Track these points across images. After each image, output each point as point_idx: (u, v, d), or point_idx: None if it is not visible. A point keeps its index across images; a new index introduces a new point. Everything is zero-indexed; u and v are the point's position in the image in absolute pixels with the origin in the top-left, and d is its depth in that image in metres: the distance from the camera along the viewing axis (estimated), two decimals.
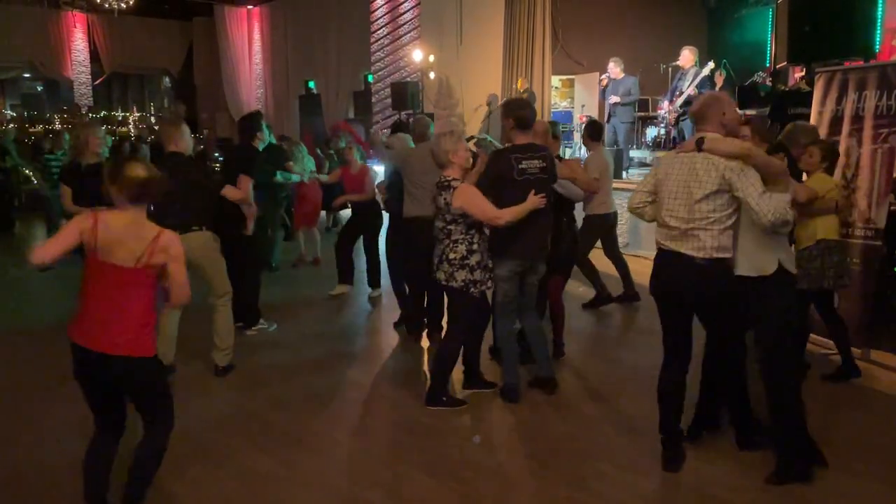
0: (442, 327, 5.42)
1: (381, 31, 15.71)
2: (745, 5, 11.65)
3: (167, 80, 23.33)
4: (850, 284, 4.66)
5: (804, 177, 4.39)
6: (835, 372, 4.74)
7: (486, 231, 4.25)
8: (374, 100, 16.08)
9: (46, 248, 2.77)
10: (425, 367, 5.15)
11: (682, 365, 3.50)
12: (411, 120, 7.55)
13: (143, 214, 2.87)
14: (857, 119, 5.28)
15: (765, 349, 3.43)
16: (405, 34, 15.02)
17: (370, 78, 16.48)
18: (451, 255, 4.15)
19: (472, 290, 4.17)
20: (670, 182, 3.36)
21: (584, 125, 7.34)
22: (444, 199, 4.15)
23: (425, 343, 5.66)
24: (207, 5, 20.32)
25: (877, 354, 5.12)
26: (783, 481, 3.32)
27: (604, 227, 6.55)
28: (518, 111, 4.27)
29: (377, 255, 6.87)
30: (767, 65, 10.69)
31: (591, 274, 6.50)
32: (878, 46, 6.87)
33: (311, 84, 18.85)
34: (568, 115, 13.12)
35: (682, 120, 9.19)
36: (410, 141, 5.79)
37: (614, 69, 10.19)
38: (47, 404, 4.38)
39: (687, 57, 9.26)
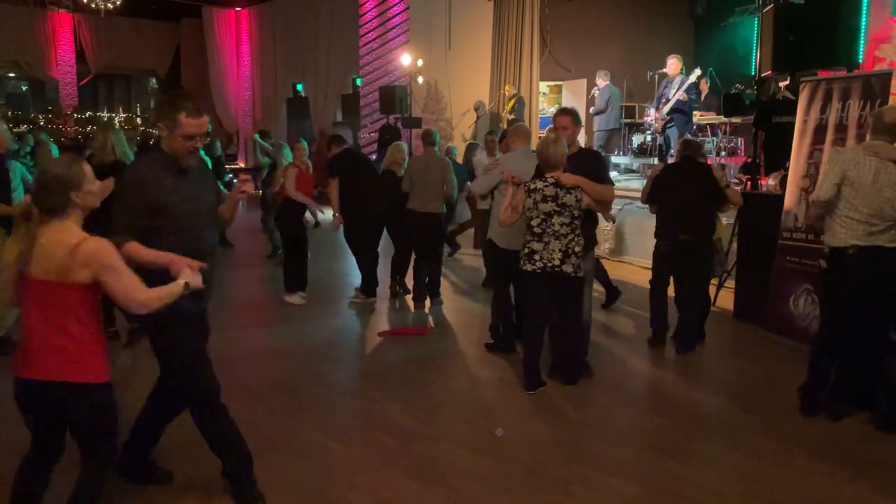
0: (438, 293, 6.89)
1: (370, 34, 15.72)
2: (731, 14, 11.76)
3: (154, 80, 23.21)
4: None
5: None
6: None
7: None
8: (362, 103, 16.09)
9: None
10: (404, 368, 5.15)
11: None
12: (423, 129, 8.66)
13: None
14: (841, 128, 5.34)
15: None
16: (394, 38, 15.05)
17: (358, 81, 16.50)
18: (577, 249, 4.56)
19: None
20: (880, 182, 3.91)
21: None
22: (576, 196, 4.51)
23: (427, 308, 6.78)
24: (195, 6, 20.24)
25: None
26: None
27: None
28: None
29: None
30: (753, 73, 10.81)
31: None
32: (861, 56, 6.95)
33: (300, 87, 18.83)
34: None
35: (669, 127, 9.25)
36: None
37: (599, 82, 10.63)
38: None
39: (673, 65, 9.34)
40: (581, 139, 7.03)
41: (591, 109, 10.92)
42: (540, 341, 4.74)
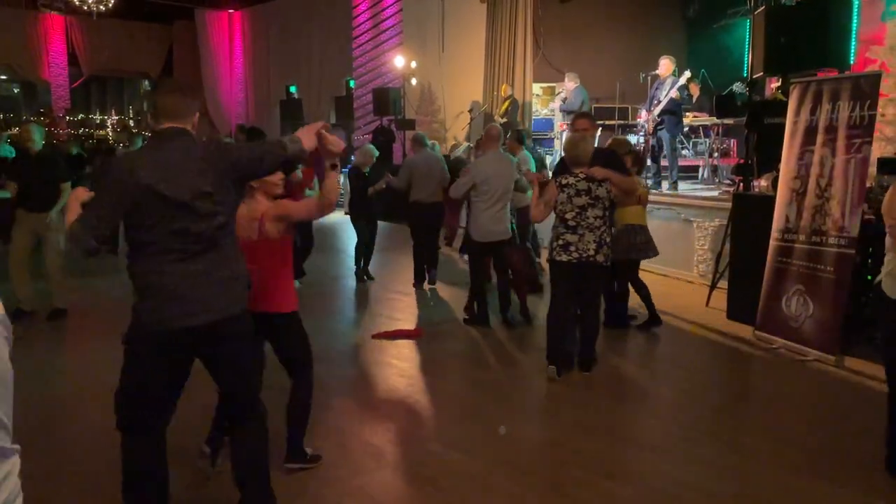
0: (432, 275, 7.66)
1: (364, 36, 15.72)
2: (723, 16, 11.80)
3: (147, 83, 23.14)
4: (655, 255, 6.05)
5: None
6: (643, 323, 6.04)
7: None
8: (355, 105, 16.07)
9: None
10: (398, 370, 5.14)
11: None
12: (415, 131, 9.79)
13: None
14: (831, 129, 5.37)
15: None
16: (387, 40, 15.04)
17: (352, 83, 16.48)
18: (608, 239, 4.85)
19: None
20: None
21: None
22: (606, 189, 4.78)
23: (427, 288, 7.61)
24: (188, 9, 20.20)
25: (850, 361, 5.19)
26: None
27: None
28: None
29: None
30: (745, 75, 10.84)
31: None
32: (852, 58, 6.97)
33: (293, 89, 18.80)
34: (549, 123, 13.20)
35: (660, 129, 9.26)
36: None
37: (568, 83, 10.70)
38: None
39: (665, 66, 9.35)
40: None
41: (561, 106, 11.00)
42: (565, 330, 4.98)
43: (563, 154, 5.42)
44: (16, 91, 21.38)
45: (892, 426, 3.56)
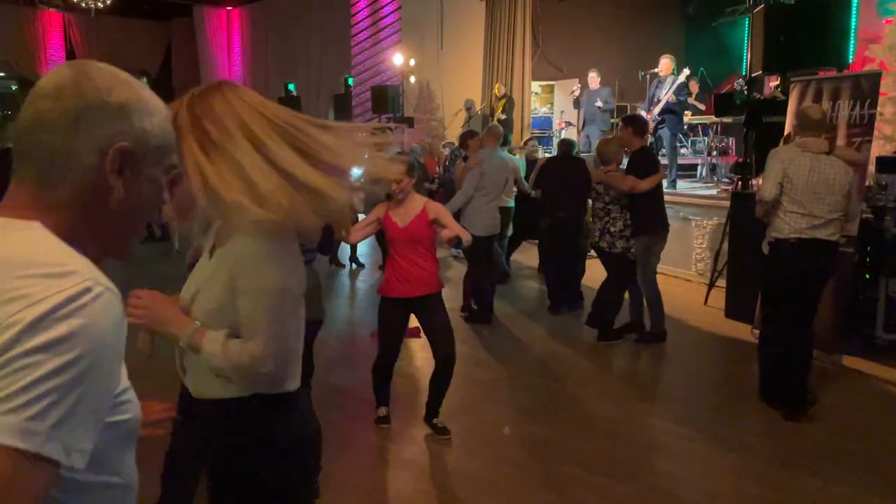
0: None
1: (362, 34, 15.69)
2: (722, 14, 11.80)
3: (145, 80, 23.08)
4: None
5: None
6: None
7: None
8: (354, 103, 16.04)
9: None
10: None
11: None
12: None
13: None
14: (832, 128, 5.36)
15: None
16: (386, 38, 15.01)
17: (350, 81, 16.45)
18: (612, 229, 5.42)
19: (628, 254, 5.46)
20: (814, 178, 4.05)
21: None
22: (604, 186, 5.45)
23: None
24: (186, 6, 20.15)
25: (849, 361, 5.19)
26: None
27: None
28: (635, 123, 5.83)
29: None
30: (744, 73, 10.84)
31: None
32: (851, 57, 6.97)
33: (291, 86, 18.76)
34: (548, 121, 13.20)
35: (661, 128, 9.25)
36: None
37: (594, 79, 10.47)
38: None
39: (665, 65, 9.34)
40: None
41: (602, 107, 10.57)
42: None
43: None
44: (13, 88, 21.30)
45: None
